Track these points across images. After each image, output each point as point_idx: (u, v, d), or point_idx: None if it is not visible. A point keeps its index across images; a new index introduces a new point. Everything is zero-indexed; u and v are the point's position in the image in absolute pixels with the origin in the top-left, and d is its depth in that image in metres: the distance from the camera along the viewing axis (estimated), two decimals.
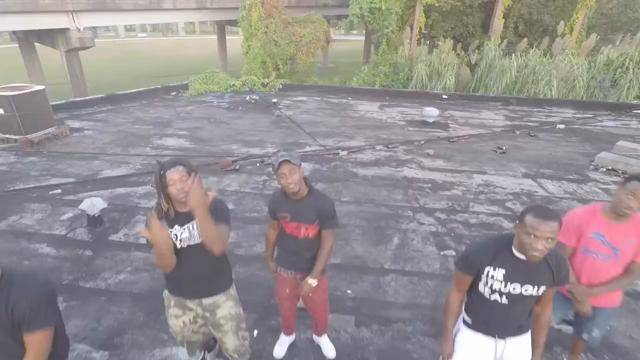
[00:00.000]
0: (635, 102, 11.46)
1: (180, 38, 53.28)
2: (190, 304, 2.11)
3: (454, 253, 3.98)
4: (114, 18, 18.09)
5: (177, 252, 1.92)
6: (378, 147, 7.09)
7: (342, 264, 3.78)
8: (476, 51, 16.51)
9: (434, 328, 2.96)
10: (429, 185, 5.59)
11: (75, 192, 5.15)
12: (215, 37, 29.63)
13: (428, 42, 18.55)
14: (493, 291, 1.74)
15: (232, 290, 2.20)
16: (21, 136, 6.54)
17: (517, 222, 1.63)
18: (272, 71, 15.00)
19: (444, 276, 3.62)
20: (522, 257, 1.64)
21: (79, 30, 16.26)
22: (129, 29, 63.44)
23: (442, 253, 3.98)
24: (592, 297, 2.13)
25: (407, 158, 6.64)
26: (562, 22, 14.66)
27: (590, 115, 10.11)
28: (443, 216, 4.71)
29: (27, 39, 19.34)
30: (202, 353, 2.60)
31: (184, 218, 1.90)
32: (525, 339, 1.87)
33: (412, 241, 4.19)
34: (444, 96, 12.28)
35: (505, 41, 15.83)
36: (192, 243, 1.93)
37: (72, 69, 17.35)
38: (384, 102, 11.44)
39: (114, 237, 4.16)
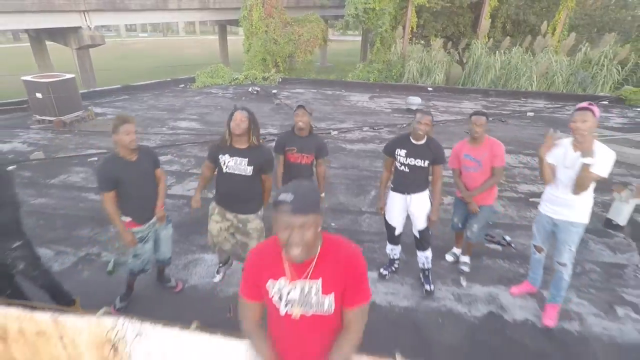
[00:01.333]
0: (602, 94, 12.48)
1: (181, 38, 54.26)
2: (229, 215, 2.96)
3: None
4: (122, 17, 19.10)
5: (223, 175, 2.83)
6: (365, 129, 8.12)
7: (328, 207, 4.79)
8: (466, 49, 17.59)
9: None
10: None
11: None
12: (215, 37, 30.66)
13: (422, 41, 19.62)
14: (401, 164, 3.02)
15: (260, 212, 3.08)
16: (55, 118, 7.56)
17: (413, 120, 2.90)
18: (272, 68, 16.01)
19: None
20: (415, 142, 2.93)
21: (90, 28, 17.28)
22: (129, 28, 64.40)
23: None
24: (475, 197, 3.26)
25: (390, 137, 7.67)
26: (545, 22, 15.71)
27: (560, 105, 11.15)
28: None
29: (38, 37, 20.32)
30: (224, 269, 3.52)
31: (234, 151, 2.78)
32: (424, 195, 3.15)
33: (386, 193, 5.21)
34: (430, 89, 13.31)
35: (491, 40, 16.92)
36: (235, 172, 2.78)
37: (83, 65, 18.32)
38: (374, 94, 12.48)
39: None
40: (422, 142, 2.96)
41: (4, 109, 8.47)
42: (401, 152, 3.01)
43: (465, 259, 3.74)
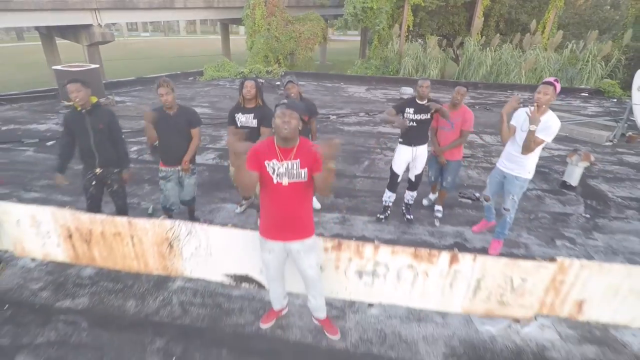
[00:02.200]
0: (582, 86, 13.31)
1: (182, 38, 55.13)
2: None
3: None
4: (131, 15, 19.93)
5: (238, 129, 3.72)
6: (361, 115, 8.96)
7: None
8: (460, 47, 18.41)
9: (380, 203, 4.79)
10: (396, 136, 7.43)
11: (135, 136, 7.00)
12: (215, 37, 31.54)
13: (419, 39, 20.45)
14: (410, 120, 3.76)
15: None
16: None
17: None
18: (274, 64, 16.83)
19: None
20: (419, 102, 3.70)
21: (101, 26, 18.12)
22: (131, 28, 65.22)
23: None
24: (445, 153, 4.08)
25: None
26: (534, 21, 16.53)
27: None
28: None
29: (49, 34, 21.17)
30: (243, 204, 4.44)
31: (245, 110, 3.68)
32: (424, 147, 3.97)
33: (377, 163, 6.06)
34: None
35: (484, 38, 17.74)
36: (245, 125, 3.67)
37: (93, 61, 19.11)
38: (371, 86, 13.32)
39: None
40: (425, 102, 3.75)
41: (34, 96, 9.31)
42: (410, 110, 3.79)
43: (439, 207, 4.56)
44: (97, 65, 8.73)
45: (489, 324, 2.89)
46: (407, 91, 10.37)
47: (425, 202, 4.76)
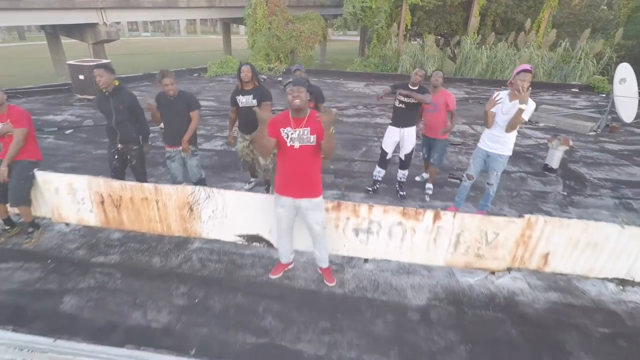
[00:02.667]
0: (573, 82, 13.77)
1: (182, 38, 55.58)
2: (247, 136, 4.32)
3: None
4: (136, 14, 20.37)
5: (240, 109, 4.15)
6: (359, 107, 9.40)
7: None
8: (457, 46, 18.87)
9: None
10: None
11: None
12: (215, 37, 32.04)
13: (418, 39, 20.93)
14: (400, 102, 4.17)
15: None
16: (94, 96, 8.81)
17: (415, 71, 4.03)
18: (275, 63, 17.27)
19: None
20: (412, 87, 4.09)
21: (106, 25, 18.56)
22: (131, 28, 65.60)
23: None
24: (432, 132, 4.53)
25: (380, 114, 8.96)
26: (529, 20, 16.99)
27: (532, 92, 12.44)
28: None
29: (55, 33, 21.59)
30: (252, 182, 4.89)
31: (244, 92, 4.11)
32: (412, 129, 4.34)
33: (374, 150, 6.50)
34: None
35: (480, 36, 18.19)
36: (246, 105, 4.11)
37: (99, 59, 19.60)
38: (369, 82, 13.78)
39: None
40: (416, 88, 4.17)
41: (48, 90, 9.75)
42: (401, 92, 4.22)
43: (430, 185, 5.01)
44: (109, 61, 9.16)
45: (468, 276, 3.34)
46: None
47: (417, 178, 5.24)
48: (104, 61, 9.06)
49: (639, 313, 3.01)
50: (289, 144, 2.68)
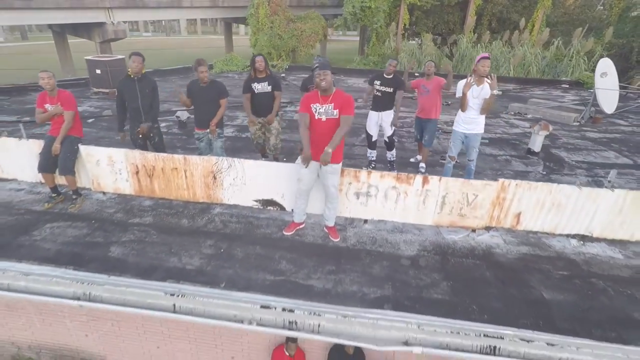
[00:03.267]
0: (563, 78, 14.36)
1: (183, 37, 56.19)
2: (260, 120, 4.88)
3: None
4: (142, 14, 20.95)
5: (255, 95, 4.69)
6: (359, 100, 9.94)
7: None
8: (454, 45, 19.46)
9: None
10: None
11: (162, 115, 8.00)
12: (215, 36, 32.64)
13: (416, 38, 21.52)
14: (377, 91, 4.75)
15: (278, 118, 5.00)
16: (110, 89, 9.39)
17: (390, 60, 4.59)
18: (277, 60, 17.82)
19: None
20: (386, 76, 4.64)
21: (113, 24, 19.13)
22: (132, 28, 66.21)
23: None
24: (424, 113, 5.08)
25: None
26: (523, 19, 17.57)
27: (522, 87, 13.05)
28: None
29: (62, 32, 22.16)
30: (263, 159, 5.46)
31: (259, 79, 4.64)
32: (389, 112, 4.91)
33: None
34: (416, 74, 15.12)
35: (476, 35, 18.78)
36: (261, 91, 4.67)
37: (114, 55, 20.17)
38: (368, 78, 14.28)
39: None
40: (390, 76, 4.77)
41: (65, 84, 10.31)
42: (377, 82, 4.84)
43: (423, 165, 5.57)
44: (123, 57, 9.72)
45: (453, 234, 3.91)
46: None
47: (412, 159, 5.81)
48: (119, 57, 9.64)
49: (594, 261, 3.58)
50: (317, 117, 3.27)
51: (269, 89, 4.65)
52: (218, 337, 3.82)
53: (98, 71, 9.23)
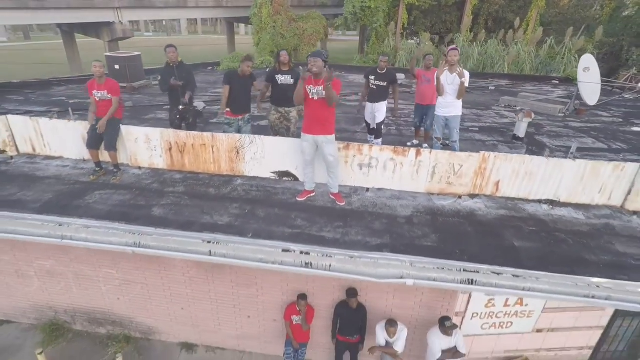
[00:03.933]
0: (553, 75, 15.04)
1: (184, 37, 56.77)
2: (280, 109, 5.46)
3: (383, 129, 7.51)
4: (149, 14, 21.61)
5: (278, 86, 5.31)
6: (360, 94, 10.61)
7: None
8: (451, 43, 20.11)
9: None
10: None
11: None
12: (215, 36, 33.30)
13: (415, 37, 22.19)
14: (372, 84, 5.45)
15: (296, 108, 5.62)
16: (128, 84, 10.04)
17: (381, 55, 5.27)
18: None
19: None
20: (380, 71, 5.36)
21: (122, 23, 19.79)
22: (134, 28, 66.85)
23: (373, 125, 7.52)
24: (425, 99, 5.74)
25: None
26: (518, 19, 18.24)
27: (514, 83, 13.73)
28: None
29: (71, 31, 22.82)
30: None
31: (282, 72, 5.23)
32: (382, 104, 5.61)
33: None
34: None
35: (472, 34, 19.45)
36: (285, 83, 5.26)
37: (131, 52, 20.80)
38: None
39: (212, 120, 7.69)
40: (384, 71, 5.42)
41: (83, 79, 10.97)
42: (372, 77, 5.48)
43: (426, 145, 6.24)
44: (139, 53, 10.39)
45: (443, 200, 4.57)
46: (399, 77, 12.04)
47: (409, 144, 6.48)
48: (135, 53, 10.29)
49: (560, 221, 4.25)
50: (310, 97, 3.93)
51: (292, 81, 5.16)
52: (236, 298, 4.49)
53: (117, 67, 9.88)
